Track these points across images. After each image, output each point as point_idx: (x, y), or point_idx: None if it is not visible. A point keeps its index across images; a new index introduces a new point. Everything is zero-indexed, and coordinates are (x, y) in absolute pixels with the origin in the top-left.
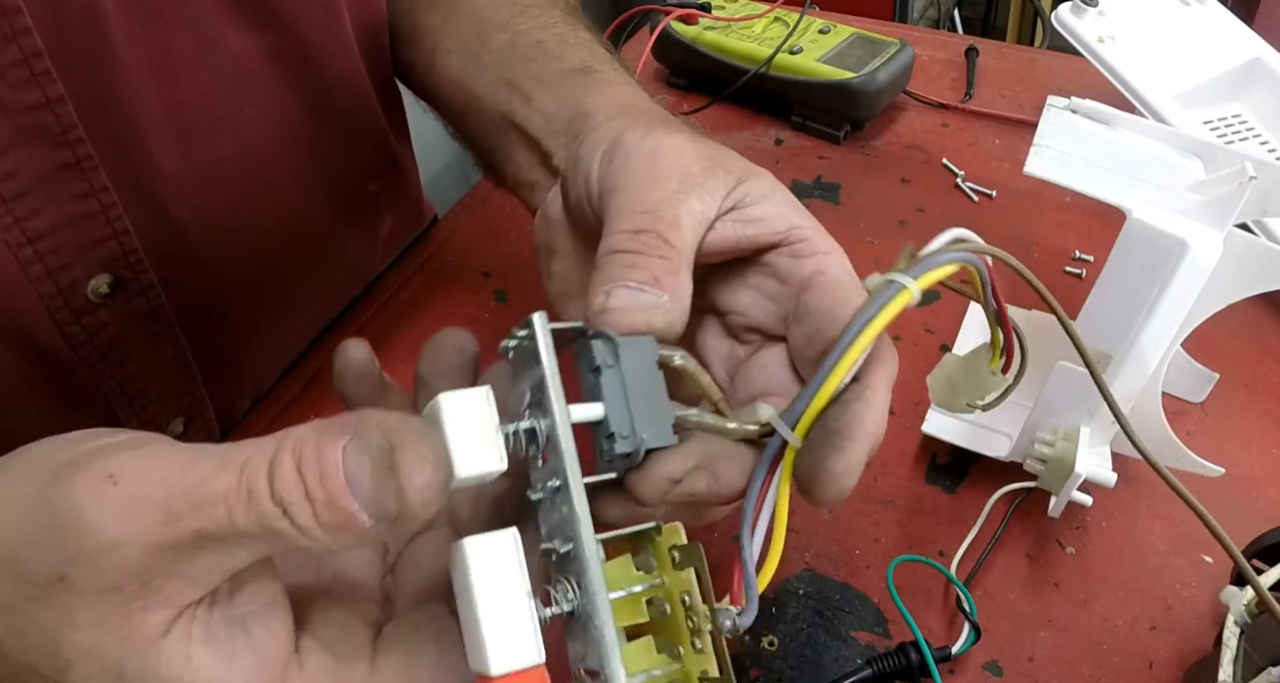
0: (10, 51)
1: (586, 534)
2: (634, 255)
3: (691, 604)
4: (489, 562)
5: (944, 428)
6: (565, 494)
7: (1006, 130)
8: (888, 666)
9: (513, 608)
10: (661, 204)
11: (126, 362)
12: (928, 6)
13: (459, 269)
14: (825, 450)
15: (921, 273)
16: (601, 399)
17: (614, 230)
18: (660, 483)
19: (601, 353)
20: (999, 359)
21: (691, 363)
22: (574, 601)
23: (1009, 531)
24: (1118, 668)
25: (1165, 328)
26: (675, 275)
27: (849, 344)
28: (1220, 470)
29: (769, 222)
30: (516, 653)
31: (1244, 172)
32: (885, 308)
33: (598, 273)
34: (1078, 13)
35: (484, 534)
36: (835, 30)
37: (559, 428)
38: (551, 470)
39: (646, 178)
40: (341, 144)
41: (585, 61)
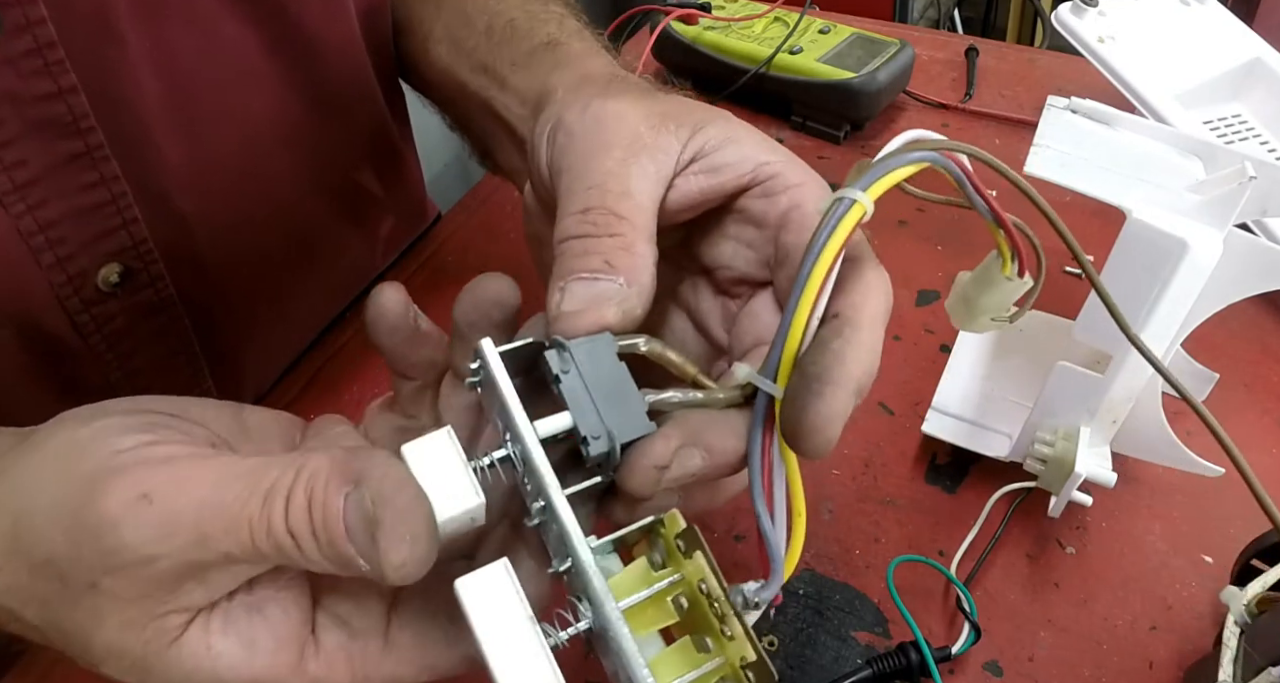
0: (24, 41)
1: (579, 544)
2: (583, 240)
3: (709, 591)
4: (485, 597)
5: (944, 428)
6: (551, 511)
7: (1006, 130)
8: (888, 666)
9: (518, 640)
10: (608, 177)
11: (134, 353)
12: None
13: (459, 269)
14: (804, 398)
15: (871, 181)
16: (567, 408)
17: (563, 214)
18: (647, 472)
19: (556, 362)
20: (1011, 263)
21: (656, 345)
22: (588, 616)
23: (1009, 531)
24: (1118, 668)
25: (1165, 328)
26: (629, 252)
27: (806, 277)
28: (1220, 471)
29: (734, 166)
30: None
31: (1244, 171)
32: (838, 228)
33: (555, 266)
34: (1078, 13)
35: (476, 571)
36: (835, 30)
37: (529, 447)
38: (536, 492)
39: (590, 152)
40: (344, 139)
41: (552, 36)
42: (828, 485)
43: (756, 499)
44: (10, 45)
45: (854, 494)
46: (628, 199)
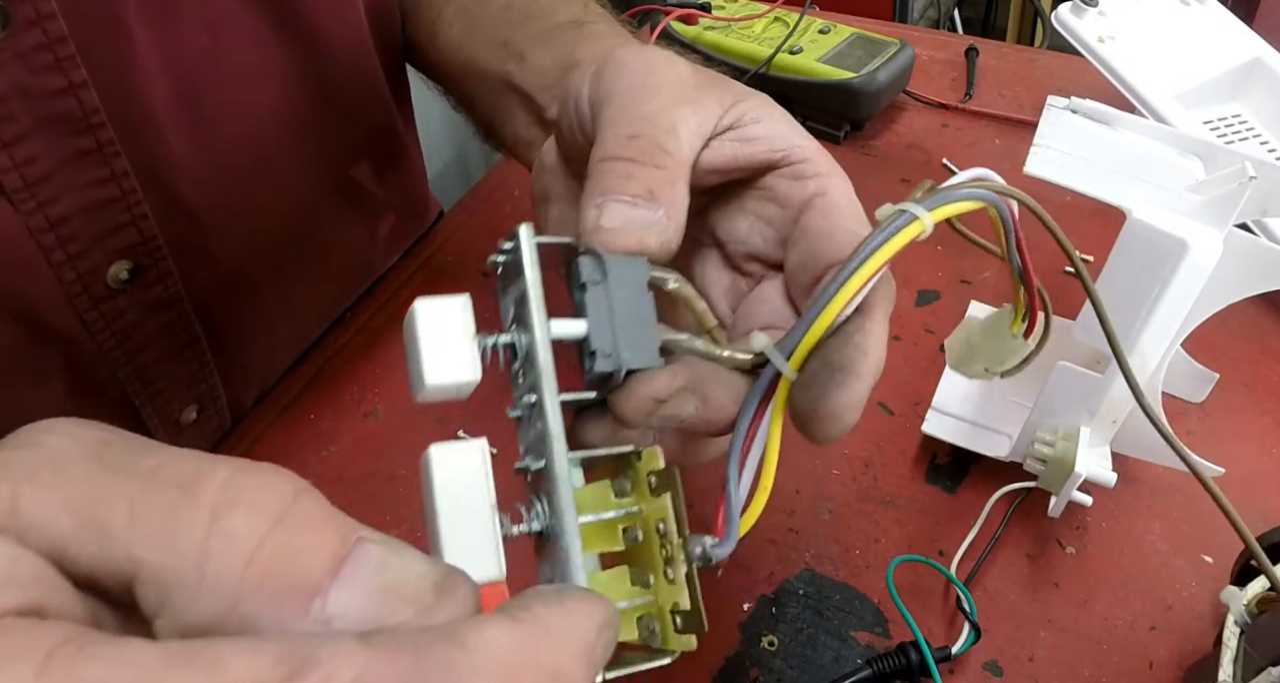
0: (34, 35)
1: (559, 450)
2: (629, 164)
3: (666, 532)
4: (454, 471)
5: (944, 428)
6: (540, 410)
7: (1006, 130)
8: (888, 666)
9: (475, 520)
10: (658, 113)
11: (143, 349)
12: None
13: (459, 269)
14: (826, 386)
15: (936, 205)
16: (585, 317)
17: (606, 137)
18: (643, 402)
19: (589, 270)
20: (1021, 322)
21: (687, 288)
22: (544, 519)
23: (1009, 531)
24: (1118, 668)
25: (1165, 328)
26: (672, 188)
27: (852, 272)
28: (1220, 470)
29: (768, 140)
30: (476, 566)
31: (1244, 171)
32: (894, 237)
33: (590, 183)
34: (1078, 13)
35: (451, 443)
36: (835, 30)
37: (537, 342)
38: (529, 386)
39: (640, 87)
40: (351, 134)
41: (577, 15)
42: (828, 485)
43: (731, 462)
44: (20, 40)
45: (854, 494)
46: (674, 137)
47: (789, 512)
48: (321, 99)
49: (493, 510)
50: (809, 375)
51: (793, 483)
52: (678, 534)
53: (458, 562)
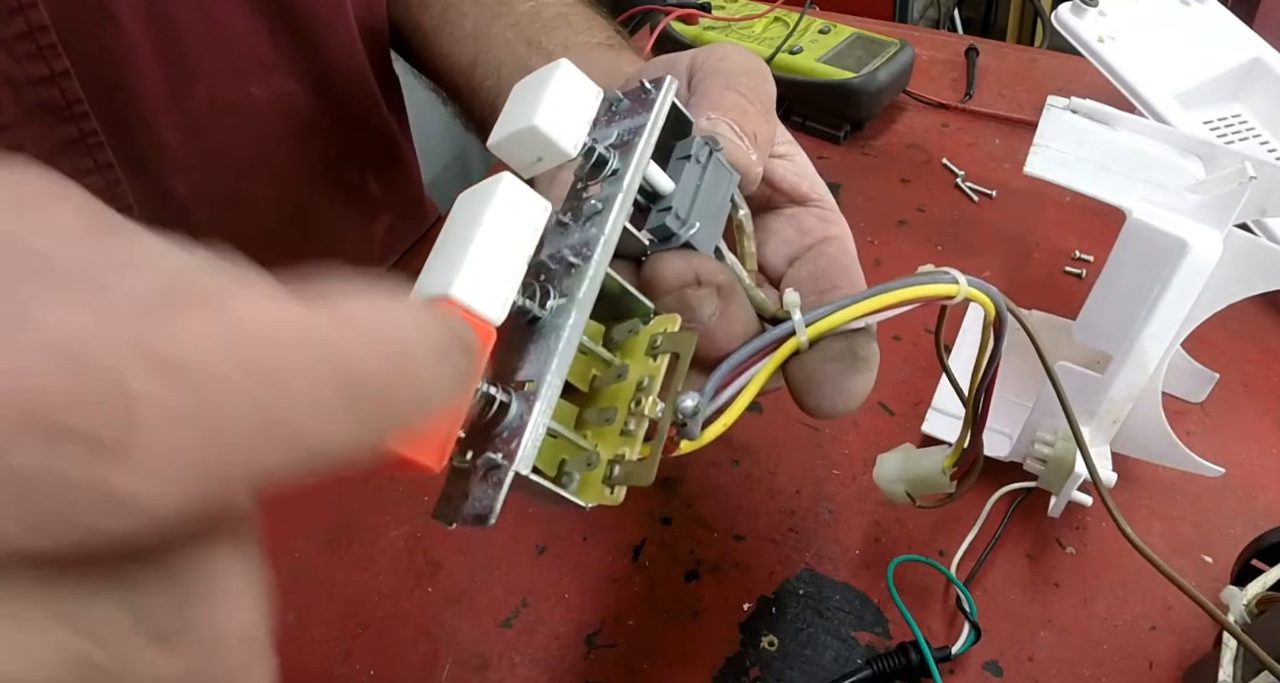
0: (16, 24)
1: (603, 256)
2: (739, 97)
3: (648, 387)
4: (515, 210)
5: (944, 428)
6: (604, 218)
7: (1006, 130)
8: (888, 666)
9: (508, 262)
10: (768, 86)
11: None
12: (928, 6)
13: None
14: (850, 365)
15: (973, 286)
16: (678, 182)
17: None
18: (686, 272)
19: (699, 148)
20: (953, 463)
21: (749, 222)
22: (550, 312)
23: (1009, 531)
24: (1118, 668)
25: (1165, 328)
26: (767, 147)
27: (900, 288)
28: (1220, 470)
29: (810, 180)
30: (483, 296)
31: (1244, 171)
32: (933, 284)
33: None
34: (1078, 13)
35: (526, 187)
36: (835, 30)
37: (633, 165)
38: (603, 196)
39: (755, 69)
40: (343, 129)
41: (611, 41)
42: (828, 485)
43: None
44: (3, 28)
45: (854, 494)
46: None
47: (789, 512)
48: (317, 96)
49: (526, 263)
50: (834, 351)
51: (793, 483)
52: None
53: (467, 287)
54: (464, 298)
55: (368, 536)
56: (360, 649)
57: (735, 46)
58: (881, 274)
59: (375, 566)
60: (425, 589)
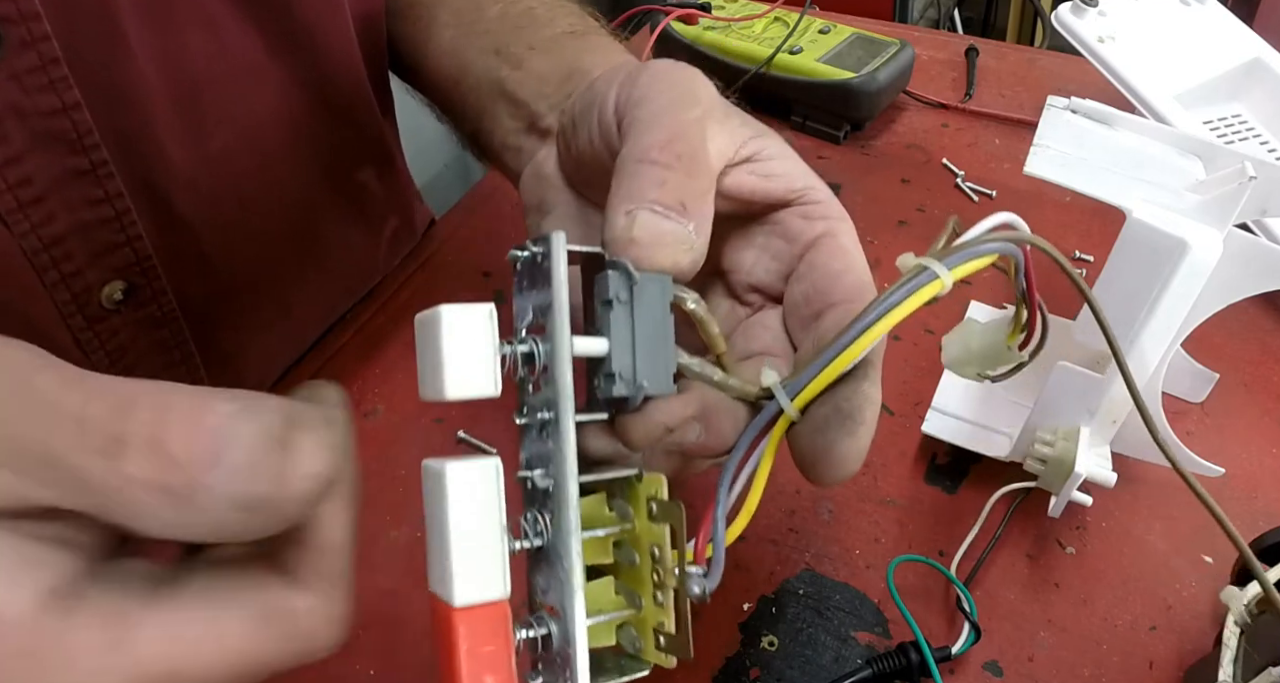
0: (28, 57)
1: (570, 475)
2: (664, 169)
3: (660, 558)
4: (469, 490)
5: (944, 428)
6: (555, 430)
7: (1006, 130)
8: (888, 666)
9: (486, 541)
10: (692, 124)
11: (135, 367)
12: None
13: (459, 269)
14: (837, 433)
15: (958, 263)
16: (607, 335)
17: (641, 136)
18: (655, 429)
19: (616, 285)
20: (1018, 335)
21: (703, 308)
22: (545, 537)
23: (1009, 531)
24: (1118, 668)
25: (1165, 328)
26: (703, 200)
27: (870, 324)
28: (1220, 470)
29: (785, 178)
30: (483, 586)
31: (1244, 172)
32: (914, 294)
33: (621, 183)
34: (1078, 13)
35: (467, 460)
36: (835, 30)
37: (559, 362)
38: (544, 401)
39: (678, 97)
40: (344, 139)
41: (575, 27)
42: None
43: (720, 489)
44: (14, 62)
45: (854, 494)
46: (706, 152)
47: (789, 512)
48: (317, 105)
49: (503, 531)
50: (820, 419)
51: (793, 483)
52: (674, 565)
53: (467, 580)
54: (469, 600)
55: (368, 536)
56: (360, 649)
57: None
58: (881, 275)
59: (375, 566)
60: (425, 589)
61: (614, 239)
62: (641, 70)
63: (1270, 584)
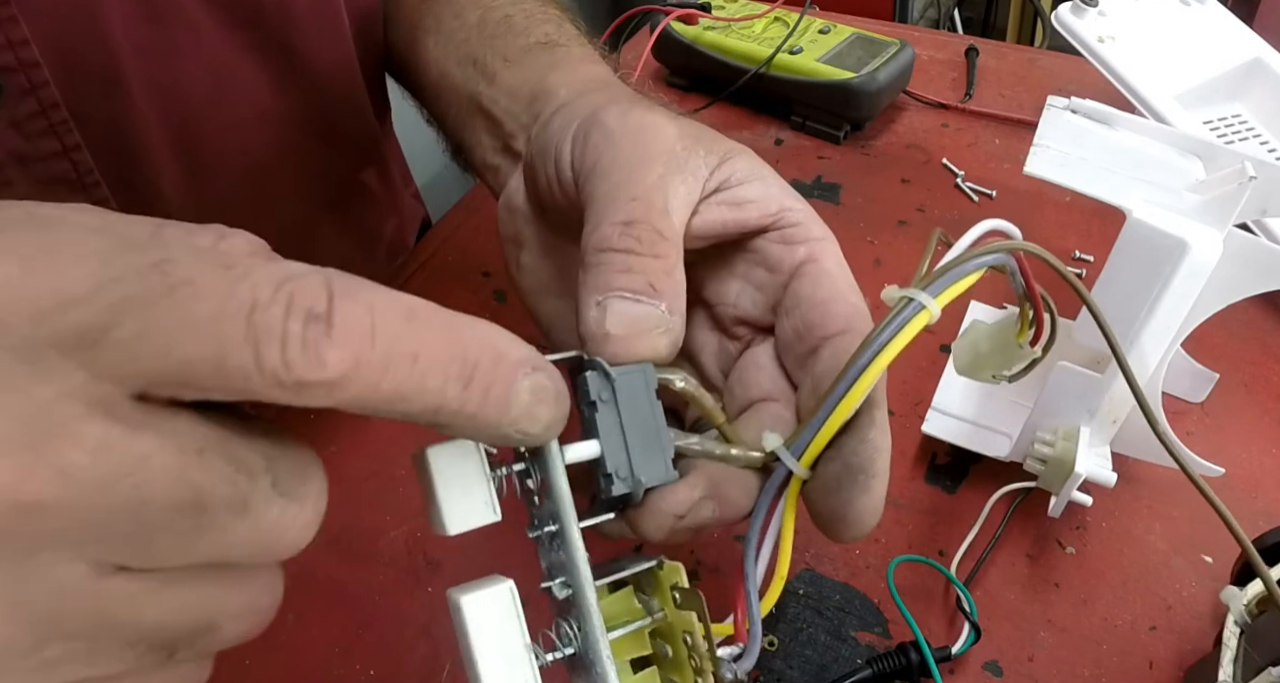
0: (28, 104)
1: (585, 582)
2: (627, 256)
3: (693, 644)
4: (487, 617)
5: (944, 428)
6: (562, 540)
7: (1006, 130)
8: (888, 666)
9: (513, 663)
10: (652, 191)
11: None
12: (928, 6)
13: (459, 269)
14: (851, 491)
15: (944, 288)
16: (597, 437)
17: (600, 221)
18: (664, 519)
19: (596, 386)
20: (1028, 332)
21: (692, 384)
22: (576, 643)
23: (1009, 531)
24: (1118, 668)
25: (1165, 328)
26: (671, 276)
27: (860, 372)
28: (1220, 470)
29: (759, 203)
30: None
31: (1244, 172)
32: (903, 330)
33: (588, 276)
34: (1078, 13)
35: (481, 589)
36: (835, 30)
37: (554, 475)
38: (548, 514)
39: (632, 160)
40: (340, 160)
41: (550, 36)
42: None
43: (747, 561)
44: (14, 109)
45: None
46: (668, 218)
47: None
48: (315, 130)
49: (528, 650)
50: (831, 478)
51: None
52: (707, 652)
53: None
54: None
55: (368, 536)
56: (360, 649)
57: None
58: (882, 275)
59: (375, 566)
60: (425, 589)
61: (590, 335)
62: (593, 126)
63: (1272, 581)
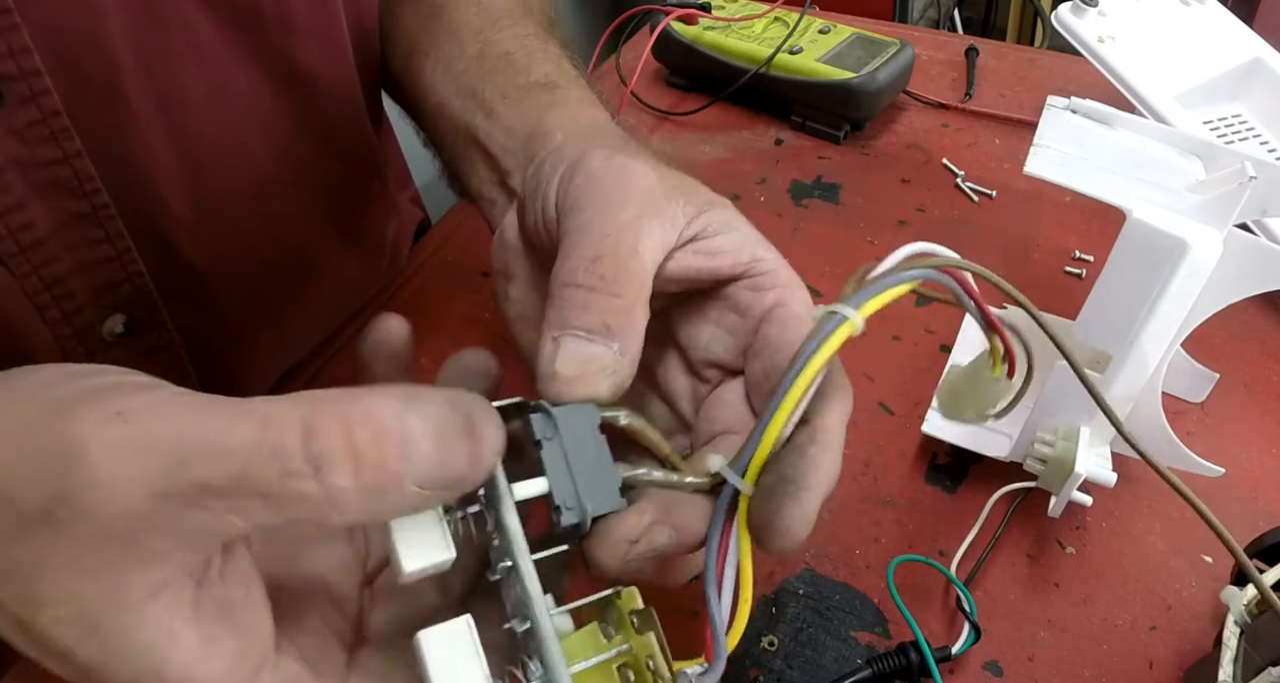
0: (29, 111)
1: (539, 611)
2: (587, 293)
3: (655, 668)
4: (446, 653)
5: (944, 428)
6: (517, 575)
7: (1006, 130)
8: (888, 666)
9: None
10: (623, 230)
11: None
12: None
13: (459, 269)
14: (780, 499)
15: (864, 300)
16: (544, 473)
17: (570, 255)
18: (617, 545)
19: (541, 427)
20: (1000, 365)
21: (637, 421)
22: (540, 678)
23: (1009, 531)
24: (1118, 668)
25: (1165, 328)
26: (628, 318)
27: (790, 383)
28: (1220, 470)
29: (731, 253)
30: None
31: (1244, 172)
32: (826, 342)
33: (550, 310)
34: (1078, 13)
35: (439, 625)
36: (835, 30)
37: (503, 513)
38: (503, 552)
39: (609, 200)
40: (344, 172)
41: (550, 77)
42: None
43: (709, 583)
44: (14, 116)
45: (854, 494)
46: (637, 257)
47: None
48: (315, 142)
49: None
50: (765, 488)
51: None
52: (667, 672)
53: None
54: None
55: None
56: None
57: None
58: None
59: None
60: None
61: (540, 372)
62: (578, 167)
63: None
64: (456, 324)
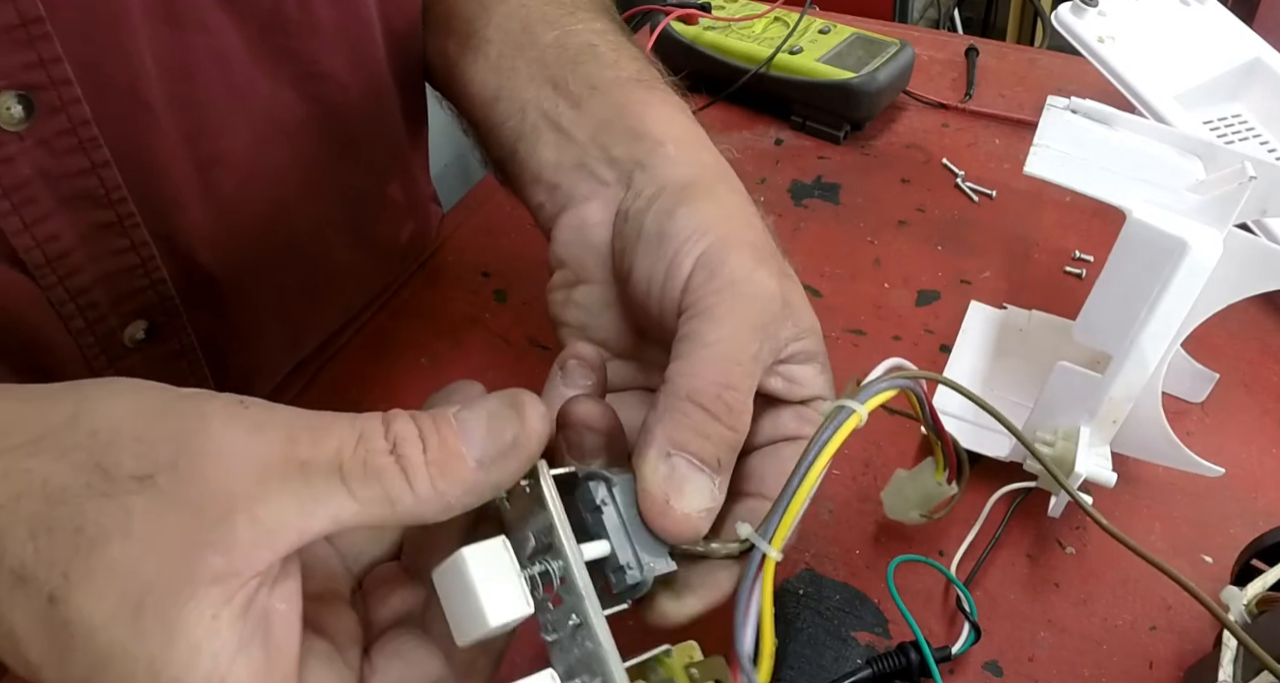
0: (58, 121)
1: (616, 667)
2: (711, 420)
3: None
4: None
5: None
6: (588, 631)
7: (1006, 130)
8: (888, 666)
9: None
10: (751, 362)
11: None
12: (928, 6)
13: (459, 269)
14: None
15: (868, 398)
16: (605, 536)
17: (703, 370)
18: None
19: (601, 494)
20: (943, 471)
21: None
22: None
23: (1009, 531)
24: (1118, 668)
25: (1165, 328)
26: (734, 452)
27: (810, 463)
28: (1220, 470)
29: (805, 386)
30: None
31: (1244, 171)
32: (840, 430)
33: (665, 419)
34: (1078, 13)
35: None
36: (835, 30)
37: (574, 570)
38: (569, 610)
39: (742, 323)
40: (367, 179)
41: (642, 74)
42: (828, 485)
43: (741, 644)
44: (43, 126)
45: (854, 494)
46: (751, 396)
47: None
48: (341, 151)
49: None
50: None
51: None
52: None
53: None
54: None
55: None
56: None
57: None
58: (881, 275)
59: None
60: None
61: (648, 490)
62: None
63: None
64: (456, 324)
